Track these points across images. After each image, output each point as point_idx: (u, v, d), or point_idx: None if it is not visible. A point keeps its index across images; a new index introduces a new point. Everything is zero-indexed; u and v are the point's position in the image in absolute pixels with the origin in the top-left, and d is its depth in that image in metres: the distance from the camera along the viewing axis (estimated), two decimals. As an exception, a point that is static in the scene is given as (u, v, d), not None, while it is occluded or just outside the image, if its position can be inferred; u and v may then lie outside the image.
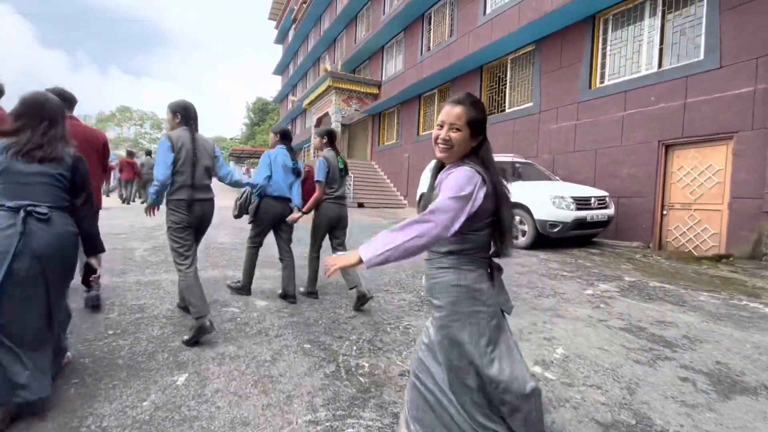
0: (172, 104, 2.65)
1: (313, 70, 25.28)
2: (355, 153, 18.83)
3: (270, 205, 3.20)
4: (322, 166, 3.21)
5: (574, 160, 7.46)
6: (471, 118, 1.18)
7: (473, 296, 1.20)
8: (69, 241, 1.68)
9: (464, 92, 1.27)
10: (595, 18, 7.22)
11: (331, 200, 3.30)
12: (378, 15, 15.98)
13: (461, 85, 10.81)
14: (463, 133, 1.18)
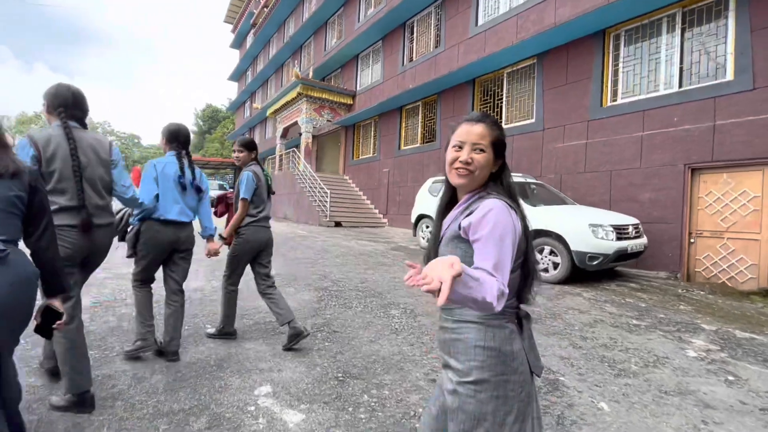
0: (47, 90, 1.93)
1: (275, 77, 23.86)
2: (325, 166, 17.66)
3: (155, 231, 2.39)
4: (250, 181, 2.69)
5: (585, 181, 6.99)
6: (495, 138, 1.03)
7: (503, 361, 0.96)
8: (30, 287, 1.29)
9: (480, 111, 1.30)
10: (605, 33, 6.87)
11: (256, 223, 2.77)
12: (352, 22, 15.16)
13: (450, 98, 10.19)
14: (487, 155, 1.02)
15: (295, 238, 7.93)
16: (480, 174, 1.03)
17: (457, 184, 1.05)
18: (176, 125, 2.58)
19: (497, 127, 1.06)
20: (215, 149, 44.84)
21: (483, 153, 1.02)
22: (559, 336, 3.21)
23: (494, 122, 1.06)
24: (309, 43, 19.42)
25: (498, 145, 1.04)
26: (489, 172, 1.04)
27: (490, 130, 1.03)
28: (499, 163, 1.06)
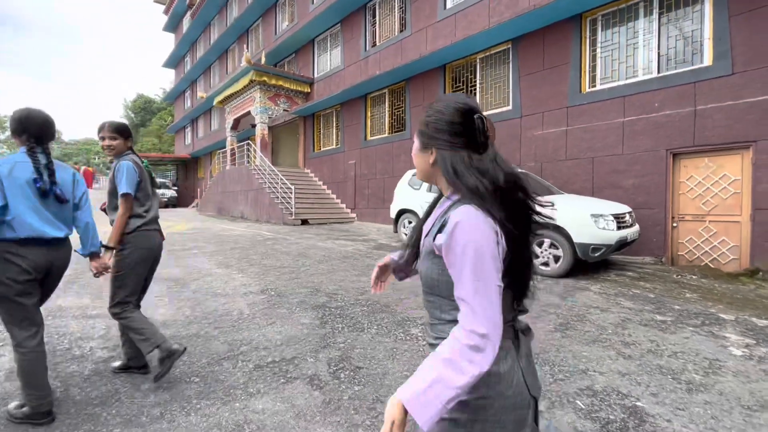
0: None
1: (219, 64, 21.97)
2: (282, 159, 16.57)
3: (12, 256, 1.79)
4: (131, 172, 2.17)
5: (566, 168, 6.91)
6: (420, 126, 0.94)
7: (487, 383, 0.81)
8: None
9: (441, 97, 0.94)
10: (581, 17, 6.76)
11: (146, 226, 2.26)
12: (305, 4, 14.12)
13: (419, 84, 9.75)
14: (414, 146, 0.96)
15: (263, 242, 7.12)
16: (417, 167, 0.95)
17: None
18: (25, 111, 1.92)
19: (425, 112, 0.93)
20: (152, 144, 41.00)
21: (415, 140, 0.95)
22: (601, 344, 2.91)
23: (429, 105, 0.93)
24: (257, 27, 17.97)
25: (418, 132, 0.93)
26: (427, 164, 0.92)
27: (422, 117, 0.93)
28: (433, 154, 0.90)
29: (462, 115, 0.86)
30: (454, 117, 0.86)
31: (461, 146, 0.86)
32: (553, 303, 3.88)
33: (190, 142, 26.74)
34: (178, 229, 9.33)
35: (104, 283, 2.46)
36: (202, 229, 9.21)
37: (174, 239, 7.26)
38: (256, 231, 8.93)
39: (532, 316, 3.52)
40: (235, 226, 10.36)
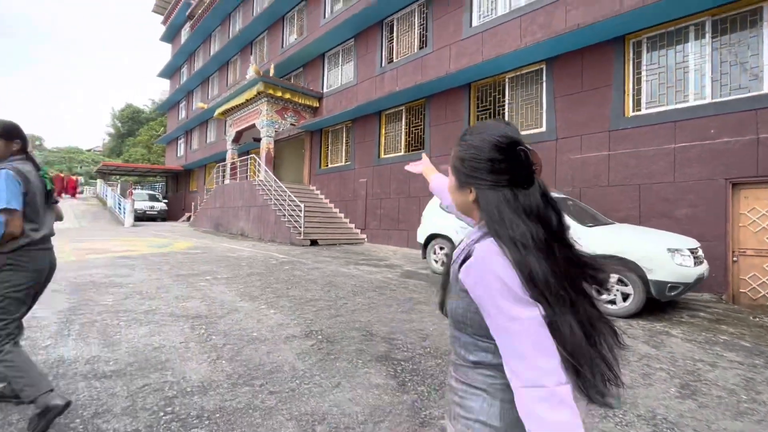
0: None
1: (219, 75, 21.47)
2: (285, 174, 15.94)
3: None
4: (11, 183, 1.86)
5: (609, 195, 6.50)
6: (452, 159, 0.89)
7: None
8: None
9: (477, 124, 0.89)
10: (624, 39, 6.50)
11: (33, 246, 1.97)
12: (316, 18, 13.84)
13: (441, 103, 9.38)
14: (450, 179, 0.92)
15: (279, 266, 6.44)
16: (455, 201, 0.92)
17: None
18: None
19: (459, 146, 0.87)
20: (140, 154, 39.81)
21: (449, 177, 0.93)
22: (750, 418, 2.36)
23: (463, 137, 0.88)
24: (261, 39, 17.62)
25: (455, 166, 0.89)
26: (466, 201, 0.87)
27: (454, 150, 0.90)
28: (473, 192, 0.85)
29: (502, 151, 0.80)
30: (493, 154, 0.80)
31: (504, 184, 0.79)
32: (647, 353, 3.34)
33: (183, 154, 25.90)
34: (179, 247, 8.54)
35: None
36: (205, 248, 8.45)
37: (179, 260, 6.52)
38: (265, 252, 8.22)
39: (640, 373, 2.96)
40: (239, 245, 9.61)
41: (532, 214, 0.77)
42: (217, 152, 20.28)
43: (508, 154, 0.79)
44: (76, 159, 47.52)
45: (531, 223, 0.76)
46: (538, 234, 0.74)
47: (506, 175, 0.79)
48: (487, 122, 0.86)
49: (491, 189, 0.80)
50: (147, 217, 20.33)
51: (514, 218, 0.76)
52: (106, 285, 4.46)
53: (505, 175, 0.79)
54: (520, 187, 0.79)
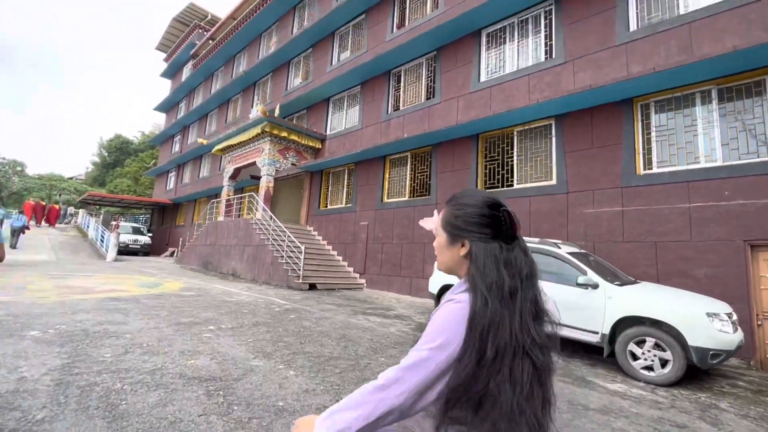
0: None
1: (218, 112, 21.65)
2: (281, 213, 15.62)
3: None
4: None
5: (624, 251, 6.45)
6: (443, 220, 1.02)
7: None
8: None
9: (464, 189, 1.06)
10: (632, 101, 6.78)
11: None
12: (322, 64, 14.29)
13: (448, 151, 9.49)
14: (439, 238, 1.03)
15: (283, 314, 6.00)
16: (441, 259, 1.02)
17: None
18: None
19: (451, 206, 1.01)
20: (126, 185, 38.96)
21: (437, 237, 1.03)
22: None
23: (453, 199, 1.03)
24: (265, 81, 18.03)
25: (446, 227, 1.00)
26: (456, 256, 0.98)
27: (444, 211, 1.03)
28: (466, 246, 0.96)
29: (490, 208, 0.94)
30: (483, 210, 0.94)
31: (491, 237, 0.92)
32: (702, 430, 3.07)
33: (173, 187, 25.42)
34: (171, 288, 7.98)
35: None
36: (199, 291, 7.92)
37: (174, 305, 6.01)
38: (264, 297, 7.74)
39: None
40: (234, 287, 9.08)
41: (509, 265, 0.89)
42: (210, 188, 19.96)
43: (495, 211, 0.94)
44: (57, 187, 46.10)
45: (506, 273, 0.87)
46: (507, 284, 0.86)
47: (493, 230, 0.93)
48: (473, 188, 1.04)
49: (482, 241, 0.93)
50: (129, 250, 19.41)
51: (493, 268, 0.88)
52: (100, 335, 3.98)
53: (492, 230, 0.93)
54: (504, 242, 0.92)
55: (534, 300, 0.88)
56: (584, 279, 4.73)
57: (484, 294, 0.83)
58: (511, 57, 8.81)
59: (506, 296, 0.84)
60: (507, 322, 0.81)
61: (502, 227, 0.92)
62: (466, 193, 1.01)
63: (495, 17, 9.04)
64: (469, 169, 8.96)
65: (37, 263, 11.84)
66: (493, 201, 0.96)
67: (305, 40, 14.84)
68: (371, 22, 12.59)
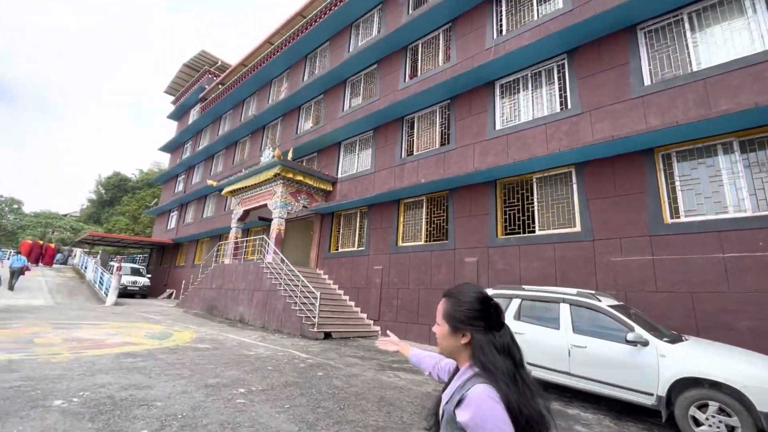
0: None
1: (225, 154, 21.94)
2: (289, 256, 15.34)
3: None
4: None
5: (659, 301, 6.30)
6: (445, 312, 1.20)
7: None
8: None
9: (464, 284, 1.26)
10: (653, 151, 6.92)
11: None
12: (334, 110, 14.70)
13: (465, 196, 9.52)
14: (442, 328, 1.19)
15: (310, 370, 5.67)
16: (443, 345, 1.19)
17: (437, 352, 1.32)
18: None
19: (452, 301, 1.19)
20: (124, 224, 38.62)
21: (439, 327, 1.21)
22: None
23: (452, 295, 1.21)
24: (275, 124, 18.44)
25: (449, 319, 1.17)
26: (457, 344, 1.16)
27: (444, 304, 1.21)
28: (467, 336, 1.13)
29: (484, 304, 1.15)
30: (480, 305, 1.14)
31: (486, 328, 1.12)
32: None
33: (174, 227, 25.18)
34: (183, 339, 7.60)
35: None
36: (214, 343, 7.54)
37: (194, 361, 5.67)
38: (281, 348, 7.38)
39: None
40: (248, 336, 8.69)
41: (503, 351, 1.07)
42: (214, 228, 19.79)
43: (487, 305, 1.14)
44: (53, 224, 45.51)
45: (504, 358, 1.06)
46: (509, 367, 1.04)
47: (486, 322, 1.12)
48: (466, 283, 1.23)
49: (479, 332, 1.11)
50: (127, 292, 18.82)
51: (497, 356, 1.06)
52: (128, 404, 3.67)
53: (485, 322, 1.12)
54: (495, 330, 1.11)
55: (530, 377, 1.07)
56: (633, 336, 4.55)
57: (504, 381, 1.01)
58: (525, 106, 9.10)
59: (512, 378, 1.02)
60: (525, 399, 1.00)
61: (492, 318, 1.13)
62: (463, 290, 1.20)
63: (507, 70, 9.43)
64: (487, 215, 8.96)
65: (35, 309, 11.36)
66: (484, 296, 1.16)
67: (317, 87, 15.35)
68: (383, 72, 13.10)
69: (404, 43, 12.56)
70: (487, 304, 1.14)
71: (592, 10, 8.01)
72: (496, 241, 8.61)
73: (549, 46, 8.51)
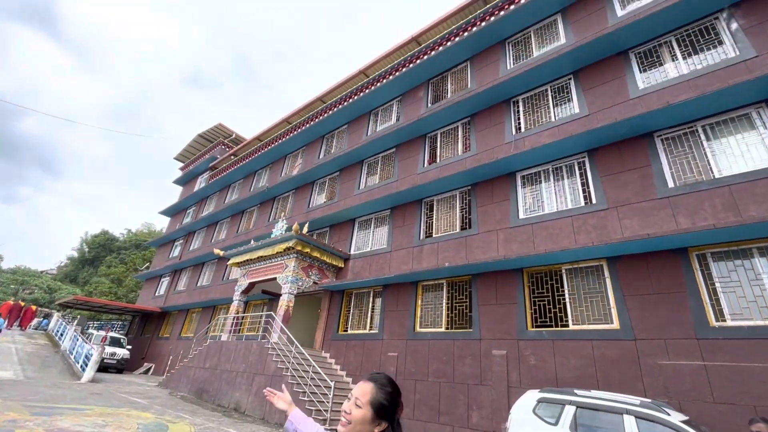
0: None
1: (230, 222, 21.83)
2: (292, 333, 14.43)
3: None
4: None
5: (719, 414, 5.81)
6: (373, 399, 1.24)
7: None
8: None
9: (384, 374, 1.37)
10: (688, 251, 6.99)
11: None
12: (349, 187, 15.05)
13: (490, 282, 9.31)
14: (363, 411, 1.23)
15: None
16: (356, 428, 1.22)
17: (340, 431, 1.25)
18: None
19: (383, 391, 1.27)
20: (107, 287, 36.75)
21: (360, 409, 1.23)
22: None
23: (383, 385, 1.29)
24: (286, 197, 18.70)
25: (376, 406, 1.23)
26: (371, 430, 1.23)
27: (374, 390, 1.26)
28: (382, 425, 1.24)
29: (399, 399, 1.32)
30: (398, 400, 1.31)
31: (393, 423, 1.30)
32: None
33: (163, 294, 23.97)
34: (182, 435, 6.64)
35: None
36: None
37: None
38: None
39: None
40: (236, 429, 7.67)
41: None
42: (208, 298, 18.87)
43: (399, 402, 1.34)
44: (29, 283, 43.08)
45: None
46: None
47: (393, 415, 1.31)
48: (385, 374, 1.36)
49: (391, 423, 1.28)
50: (103, 365, 17.08)
51: None
52: None
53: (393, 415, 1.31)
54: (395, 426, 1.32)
55: None
56: (722, 462, 4.06)
57: None
58: (548, 198, 9.38)
59: None
60: None
61: (395, 415, 1.27)
62: (387, 382, 1.32)
63: (527, 164, 9.91)
64: (515, 304, 8.67)
65: (2, 383, 10.09)
66: (399, 392, 1.32)
67: (333, 165, 15.92)
68: (402, 156, 13.74)
69: (423, 131, 13.38)
70: (399, 400, 1.30)
71: (608, 118, 8.72)
72: (527, 333, 8.21)
73: (568, 145, 9.07)
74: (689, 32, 8.69)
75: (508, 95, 11.36)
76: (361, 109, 16.53)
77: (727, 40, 8.09)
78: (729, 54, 7.93)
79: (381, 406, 1.23)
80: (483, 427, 7.95)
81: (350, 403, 1.26)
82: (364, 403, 1.23)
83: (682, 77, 8.23)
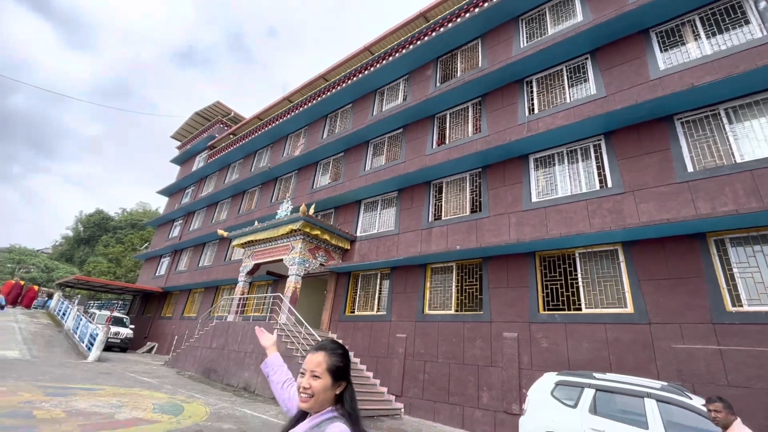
0: None
1: (231, 203, 21.57)
2: (295, 315, 14.48)
3: None
4: None
5: (733, 398, 5.84)
6: (330, 365, 1.30)
7: None
8: None
9: (327, 339, 1.45)
10: (706, 236, 6.94)
11: None
12: (355, 168, 14.82)
13: (501, 265, 9.28)
14: (323, 380, 1.27)
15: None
16: (320, 397, 1.27)
17: (303, 408, 1.29)
18: None
19: (335, 354, 1.33)
20: (105, 267, 36.61)
21: (319, 379, 1.27)
22: None
23: (332, 349, 1.35)
24: (289, 177, 18.42)
25: (334, 371, 1.30)
26: (332, 394, 1.29)
27: (327, 357, 1.31)
28: (342, 385, 1.32)
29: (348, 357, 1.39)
30: (349, 359, 1.39)
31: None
32: None
33: (164, 274, 23.91)
34: (198, 414, 6.65)
35: None
36: (235, 420, 6.62)
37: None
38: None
39: None
40: (265, 413, 7.74)
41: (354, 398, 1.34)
42: (210, 279, 18.84)
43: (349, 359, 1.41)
44: (26, 262, 42.83)
45: None
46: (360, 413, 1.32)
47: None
48: (331, 339, 1.46)
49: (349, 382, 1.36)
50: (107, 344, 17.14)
51: (356, 402, 1.33)
52: None
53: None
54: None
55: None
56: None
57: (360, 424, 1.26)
58: (562, 181, 9.26)
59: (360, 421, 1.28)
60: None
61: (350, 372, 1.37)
62: (336, 345, 1.39)
63: (541, 146, 9.73)
64: (527, 287, 8.67)
65: (10, 363, 10.07)
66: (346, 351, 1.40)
67: (338, 145, 15.62)
68: (409, 136, 13.47)
69: (432, 112, 13.08)
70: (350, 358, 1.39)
71: (626, 100, 8.52)
72: (538, 316, 8.24)
73: (584, 127, 8.88)
74: (714, 11, 8.39)
75: (521, 75, 11.06)
76: (366, 87, 16.11)
77: (753, 20, 7.83)
78: (755, 34, 7.69)
79: (337, 369, 1.29)
80: (494, 407, 8.06)
81: (306, 378, 1.28)
82: (322, 372, 1.27)
83: (705, 58, 8.00)
